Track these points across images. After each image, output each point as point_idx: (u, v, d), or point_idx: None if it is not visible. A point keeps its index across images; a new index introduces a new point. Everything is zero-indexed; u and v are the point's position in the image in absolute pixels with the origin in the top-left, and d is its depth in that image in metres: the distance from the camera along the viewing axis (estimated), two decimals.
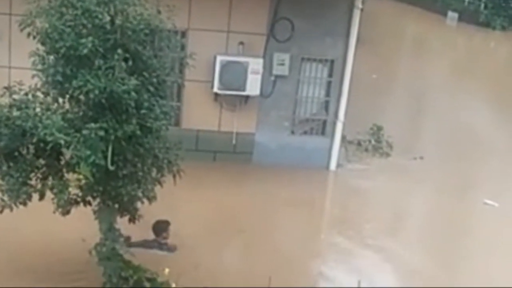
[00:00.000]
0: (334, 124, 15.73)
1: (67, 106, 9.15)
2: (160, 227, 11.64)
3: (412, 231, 13.84)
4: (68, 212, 9.26)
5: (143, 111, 8.93)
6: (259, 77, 14.78)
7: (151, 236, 11.47)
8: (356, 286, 10.39)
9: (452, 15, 34.35)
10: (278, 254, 11.98)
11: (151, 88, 9.10)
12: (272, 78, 15.22)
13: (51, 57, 8.88)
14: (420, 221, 14.38)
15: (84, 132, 8.57)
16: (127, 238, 10.81)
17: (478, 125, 19.97)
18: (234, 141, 15.27)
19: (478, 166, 17.12)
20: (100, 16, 8.77)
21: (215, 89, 14.78)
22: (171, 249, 11.65)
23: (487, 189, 15.72)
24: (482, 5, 34.48)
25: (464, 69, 26.89)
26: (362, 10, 15.07)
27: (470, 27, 33.18)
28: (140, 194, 9.43)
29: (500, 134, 19.68)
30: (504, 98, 23.06)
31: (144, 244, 11.47)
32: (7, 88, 9.08)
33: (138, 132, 8.89)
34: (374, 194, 15.08)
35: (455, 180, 15.98)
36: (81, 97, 8.79)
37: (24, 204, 9.18)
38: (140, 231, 10.73)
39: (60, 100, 9.11)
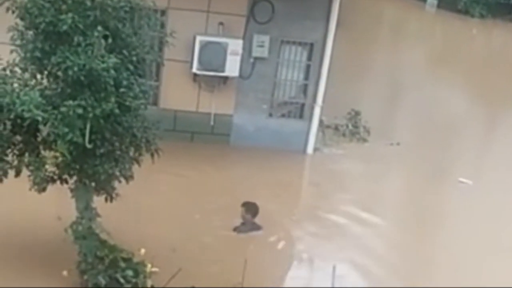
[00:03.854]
0: (312, 107, 15.71)
1: (45, 82, 9.04)
2: (254, 209, 12.14)
3: (389, 209, 13.97)
4: (44, 189, 9.18)
5: (122, 89, 8.84)
6: (238, 58, 14.71)
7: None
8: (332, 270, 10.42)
9: (432, 1, 34.39)
10: (255, 237, 12.02)
11: (131, 67, 9.02)
12: (252, 59, 15.16)
13: (30, 32, 8.76)
14: (397, 200, 14.56)
15: (62, 109, 8.48)
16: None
17: (455, 111, 20.09)
18: (212, 122, 15.21)
19: (454, 151, 17.28)
20: None
21: (194, 69, 14.69)
22: (259, 228, 12.17)
23: (463, 170, 15.91)
24: None
25: (443, 56, 26.98)
26: None
27: (449, 14, 33.27)
28: (117, 173, 9.38)
29: (476, 120, 19.89)
30: (480, 85, 23.22)
31: (243, 228, 12.13)
32: None
33: (117, 111, 8.80)
34: (351, 177, 15.11)
35: (431, 164, 16.09)
36: (60, 73, 8.69)
37: (0, 180, 9.09)
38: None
39: (39, 76, 9.00)
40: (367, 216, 13.30)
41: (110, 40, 8.74)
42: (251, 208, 12.23)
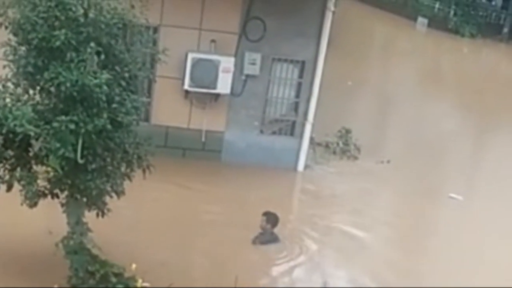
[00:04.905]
0: (303, 125, 15.81)
1: (37, 97, 9.09)
2: (274, 219, 12.41)
3: (379, 225, 14.03)
4: (35, 204, 9.21)
5: (114, 105, 8.91)
6: (230, 75, 14.80)
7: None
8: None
9: (422, 20, 34.67)
10: (245, 252, 12.06)
11: (123, 83, 9.10)
12: (243, 77, 15.25)
13: (23, 48, 8.83)
14: (388, 215, 14.63)
15: (54, 124, 8.54)
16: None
17: (445, 129, 20.26)
18: (203, 139, 15.27)
19: (444, 167, 17.50)
20: (73, 8, 8.71)
21: (186, 86, 14.77)
22: (277, 239, 12.42)
23: (453, 186, 16.11)
24: (452, 12, 34.85)
25: (434, 75, 27.18)
26: (334, 12, 15.15)
27: (439, 33, 33.50)
28: (109, 188, 9.42)
29: (466, 137, 20.11)
30: (471, 103, 23.39)
31: (262, 238, 12.32)
32: None
33: (109, 126, 8.85)
34: (342, 194, 15.21)
35: (422, 180, 16.28)
36: (52, 89, 8.75)
37: None
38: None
39: (31, 91, 9.06)
40: (358, 233, 13.40)
41: (102, 57, 8.82)
42: (271, 218, 12.42)
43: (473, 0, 35.40)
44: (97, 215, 9.68)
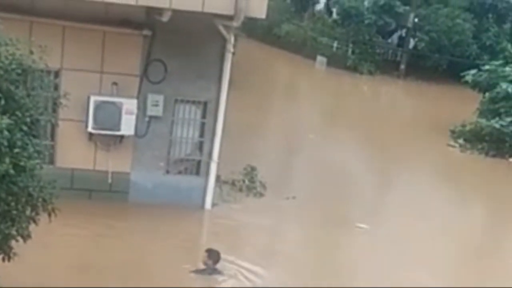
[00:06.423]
0: (208, 164, 15.99)
1: None
2: (216, 256, 13.04)
3: (283, 260, 14.34)
4: None
5: (16, 150, 8.89)
6: (133, 117, 14.92)
7: None
8: None
9: (321, 59, 35.47)
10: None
11: (24, 127, 9.08)
12: (147, 118, 15.38)
13: None
14: (296, 249, 14.93)
15: None
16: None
17: (349, 164, 20.79)
18: (109, 180, 15.31)
19: (349, 201, 18.02)
20: None
21: (89, 129, 14.83)
22: (221, 272, 13.06)
23: (359, 218, 16.63)
24: (350, 51, 35.83)
25: (335, 113, 27.82)
26: (234, 53, 15.49)
27: (338, 72, 34.31)
28: (14, 232, 9.37)
29: (368, 172, 20.63)
30: (371, 138, 24.08)
31: (204, 272, 13.00)
32: None
33: (12, 171, 8.83)
34: (247, 231, 15.47)
35: (329, 214, 16.71)
36: None
37: None
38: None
39: None
40: (267, 266, 13.69)
41: (2, 102, 8.83)
42: (213, 255, 12.90)
43: (370, 38, 36.50)
44: (3, 259, 9.62)
